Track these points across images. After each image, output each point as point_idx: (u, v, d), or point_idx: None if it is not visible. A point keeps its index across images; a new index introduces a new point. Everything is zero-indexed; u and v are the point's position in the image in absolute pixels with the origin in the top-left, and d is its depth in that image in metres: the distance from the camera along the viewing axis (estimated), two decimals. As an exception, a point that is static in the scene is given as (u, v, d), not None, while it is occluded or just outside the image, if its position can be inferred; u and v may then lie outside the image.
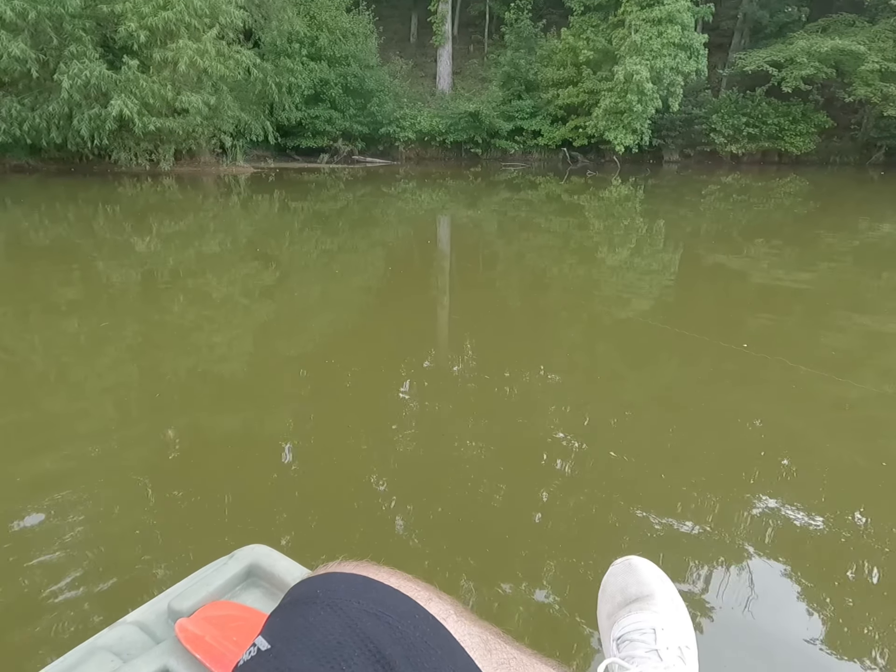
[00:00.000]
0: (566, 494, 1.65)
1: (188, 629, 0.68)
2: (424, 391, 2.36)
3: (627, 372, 2.63)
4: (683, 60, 13.84)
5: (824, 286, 4.15)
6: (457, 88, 17.80)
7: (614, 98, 14.16)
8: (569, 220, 7.52)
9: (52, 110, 10.12)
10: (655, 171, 14.77)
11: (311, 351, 2.83)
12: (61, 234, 5.90)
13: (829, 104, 16.30)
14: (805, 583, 1.32)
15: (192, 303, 3.59)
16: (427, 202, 8.99)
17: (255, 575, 0.80)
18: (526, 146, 16.55)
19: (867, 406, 2.25)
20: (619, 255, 5.19)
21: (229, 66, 11.00)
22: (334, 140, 15.13)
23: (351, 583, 0.46)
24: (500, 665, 0.48)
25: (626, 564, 0.87)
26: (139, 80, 10.18)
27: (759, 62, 15.06)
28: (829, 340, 3.02)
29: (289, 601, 0.48)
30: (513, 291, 4.04)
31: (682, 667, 0.74)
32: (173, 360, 2.70)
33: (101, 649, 0.69)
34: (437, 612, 0.46)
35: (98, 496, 1.59)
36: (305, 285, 4.09)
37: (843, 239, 6.11)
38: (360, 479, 1.70)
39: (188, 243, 5.58)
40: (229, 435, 1.97)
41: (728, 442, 1.96)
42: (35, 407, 2.14)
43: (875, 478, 1.74)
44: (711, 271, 4.62)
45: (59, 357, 2.67)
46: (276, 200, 8.86)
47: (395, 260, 5.00)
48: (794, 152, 16.32)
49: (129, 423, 2.04)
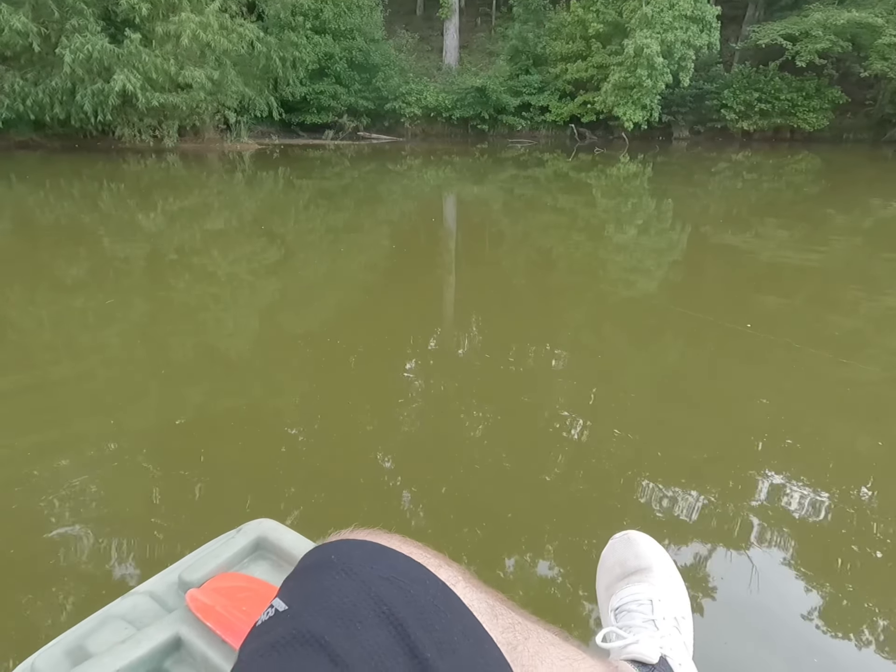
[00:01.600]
0: (569, 471, 1.66)
1: (199, 599, 0.70)
2: (430, 369, 2.37)
3: (632, 351, 2.63)
4: (695, 34, 13.52)
5: (834, 266, 4.11)
6: (464, 63, 17.48)
7: (624, 73, 13.88)
8: (576, 197, 7.45)
9: (54, 85, 10.03)
10: (664, 149, 14.55)
11: (316, 328, 2.84)
12: (66, 211, 5.89)
13: (844, 79, 15.93)
14: (805, 561, 1.34)
15: (198, 280, 3.59)
16: (433, 179, 8.91)
17: (262, 548, 0.82)
18: (533, 123, 16.30)
19: (872, 387, 2.25)
20: (626, 234, 5.15)
21: (232, 39, 10.85)
22: (339, 116, 14.96)
23: (364, 549, 0.48)
24: (506, 629, 0.49)
25: (625, 539, 0.89)
26: (142, 54, 10.06)
27: (773, 35, 14.68)
28: (836, 321, 3.00)
29: (304, 566, 0.49)
30: (518, 270, 4.02)
31: (678, 636, 0.76)
32: (179, 337, 2.72)
33: (115, 617, 0.72)
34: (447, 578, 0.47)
35: (105, 471, 1.62)
36: (311, 263, 4.09)
37: (855, 218, 6.03)
38: (366, 456, 1.72)
39: (193, 220, 5.57)
40: (235, 411, 1.99)
41: (731, 421, 1.96)
42: (42, 381, 2.17)
43: (879, 459, 1.75)
44: (719, 250, 4.57)
45: (66, 333, 2.70)
46: (281, 177, 8.80)
47: (401, 238, 4.98)
48: (807, 129, 15.99)
49: (135, 398, 2.06)
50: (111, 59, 9.91)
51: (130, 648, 0.64)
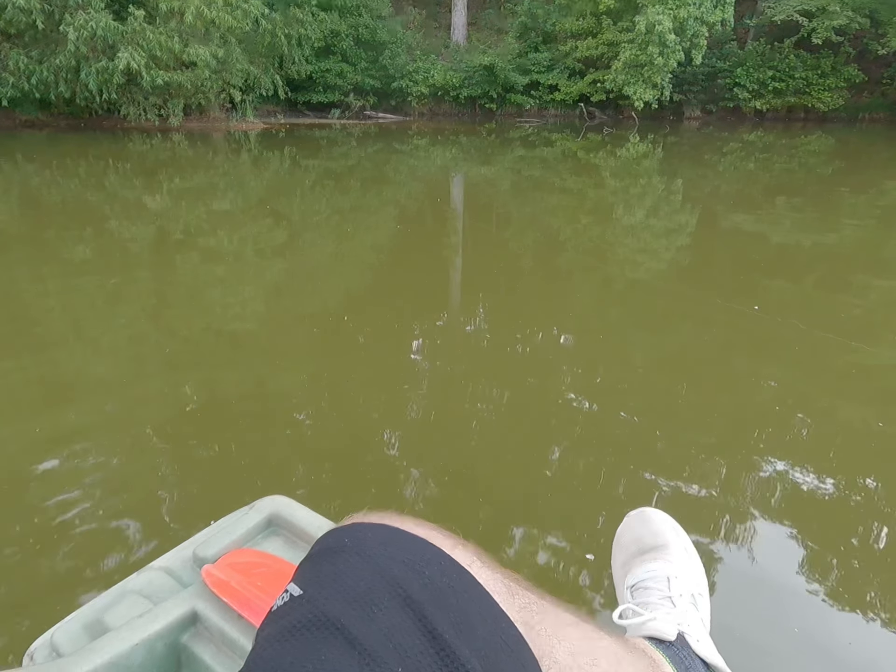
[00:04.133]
0: (580, 450, 1.67)
1: (214, 574, 0.70)
2: (437, 350, 2.37)
3: (638, 333, 2.62)
4: (709, 9, 13.21)
5: (845, 248, 4.06)
6: (472, 40, 17.18)
7: (635, 50, 13.61)
8: (584, 179, 7.36)
9: (59, 63, 9.95)
10: (675, 128, 14.31)
11: (323, 309, 2.84)
12: (73, 191, 5.88)
13: (861, 57, 15.55)
14: (821, 537, 1.34)
15: (204, 260, 3.59)
16: (440, 159, 8.82)
17: (275, 524, 0.83)
18: (542, 102, 16.04)
19: (880, 371, 2.23)
20: (635, 216, 5.09)
21: (237, 16, 10.70)
22: (345, 95, 14.78)
23: (378, 532, 0.48)
24: (523, 609, 0.50)
25: (641, 516, 0.89)
26: (146, 31, 9.94)
27: (789, 11, 14.33)
28: (846, 303, 2.97)
29: (318, 550, 0.49)
30: (526, 251, 3.99)
31: (695, 613, 0.76)
32: (186, 317, 2.72)
33: (132, 592, 0.73)
34: (462, 559, 0.48)
35: (117, 450, 1.64)
36: (317, 244, 4.07)
37: (869, 199, 5.93)
38: (374, 435, 1.73)
39: (199, 200, 5.55)
40: (243, 391, 2.00)
41: (738, 402, 1.96)
42: (51, 362, 2.18)
43: (886, 441, 1.74)
44: (729, 232, 4.52)
45: (74, 313, 2.71)
46: (287, 157, 8.73)
47: (408, 219, 4.95)
48: (822, 109, 15.67)
49: (144, 378, 2.07)
50: (115, 37, 9.80)
51: (148, 623, 0.65)
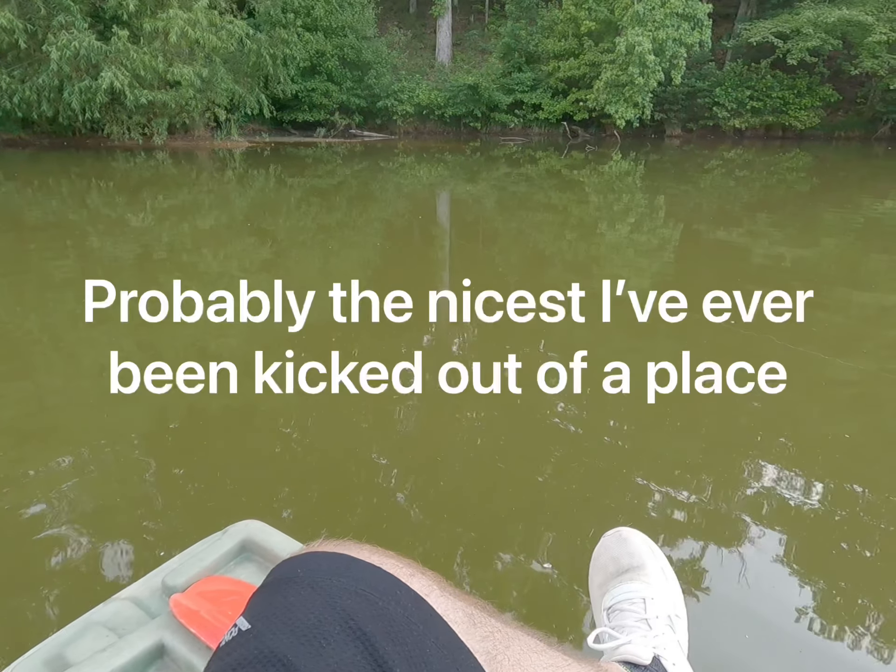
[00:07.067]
0: (562, 467, 1.65)
1: (183, 604, 0.68)
2: (423, 366, 2.35)
3: (620, 347, 2.62)
4: (687, 31, 13.54)
5: (824, 263, 4.12)
6: (456, 60, 17.44)
7: (616, 70, 13.89)
8: (568, 195, 7.44)
9: (42, 82, 9.91)
10: (656, 146, 14.58)
11: (308, 327, 2.81)
12: (55, 210, 5.82)
13: (836, 77, 16.00)
14: (800, 558, 1.33)
15: (188, 278, 3.55)
16: (425, 177, 8.88)
17: (248, 550, 0.80)
18: (526, 120, 16.28)
19: (857, 384, 2.25)
20: (619, 232, 5.14)
21: (222, 36, 10.75)
22: (331, 114, 14.88)
23: (332, 561, 0.46)
24: (485, 638, 0.47)
25: (618, 536, 0.87)
26: (129, 51, 9.95)
27: (765, 33, 14.73)
28: (824, 318, 3.01)
29: (270, 581, 0.47)
30: (511, 267, 4.01)
31: (672, 635, 0.74)
32: (170, 333, 2.68)
33: (96, 624, 0.69)
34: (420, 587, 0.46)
35: (87, 471, 1.59)
36: (302, 261, 4.05)
37: (846, 215, 6.06)
38: (359, 455, 1.70)
39: (183, 218, 5.52)
40: (225, 408, 1.96)
41: (720, 418, 1.96)
42: (26, 379, 2.13)
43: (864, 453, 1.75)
44: (711, 248, 4.58)
45: (53, 330, 2.66)
46: (272, 175, 8.74)
47: (393, 236, 4.95)
48: (799, 127, 16.07)
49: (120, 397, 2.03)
50: (99, 57, 9.80)
51: (112, 657, 0.62)
